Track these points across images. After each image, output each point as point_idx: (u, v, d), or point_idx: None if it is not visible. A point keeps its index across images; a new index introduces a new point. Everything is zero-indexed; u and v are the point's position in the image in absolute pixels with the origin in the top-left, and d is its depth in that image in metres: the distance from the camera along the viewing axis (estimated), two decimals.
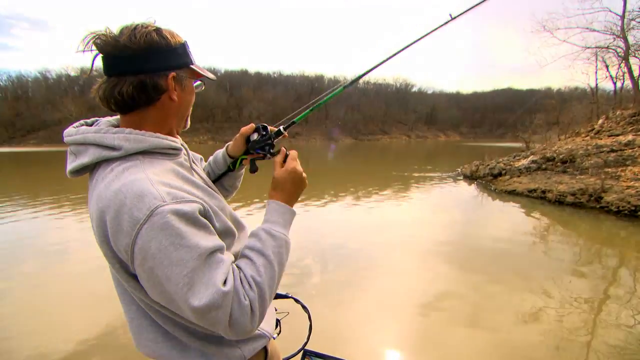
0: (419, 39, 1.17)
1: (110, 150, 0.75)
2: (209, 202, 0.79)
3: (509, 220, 7.05)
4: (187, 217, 0.69)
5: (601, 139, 10.34)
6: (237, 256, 0.84)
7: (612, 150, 8.91)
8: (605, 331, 2.93)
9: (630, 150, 8.59)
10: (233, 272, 0.73)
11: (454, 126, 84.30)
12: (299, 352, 1.09)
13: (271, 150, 1.03)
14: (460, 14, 1.19)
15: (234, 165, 1.12)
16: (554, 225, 6.66)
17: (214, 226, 0.77)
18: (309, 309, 1.15)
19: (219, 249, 0.72)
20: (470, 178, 12.16)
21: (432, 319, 3.15)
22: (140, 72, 0.76)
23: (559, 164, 9.52)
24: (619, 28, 12.78)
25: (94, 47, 0.74)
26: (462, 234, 6.03)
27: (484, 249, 5.14)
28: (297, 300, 1.18)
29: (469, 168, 12.87)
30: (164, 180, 0.73)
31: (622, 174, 7.94)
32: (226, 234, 0.84)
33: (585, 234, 6.07)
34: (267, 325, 0.96)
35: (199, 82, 0.91)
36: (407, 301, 3.48)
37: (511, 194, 8.97)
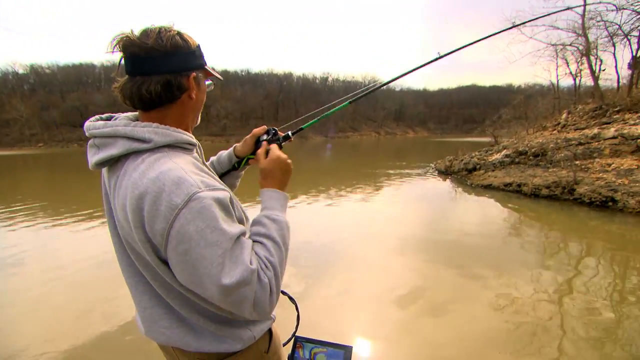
0: (410, 72, 1.41)
1: (140, 142, 0.78)
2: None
3: (485, 214, 7.09)
4: (220, 203, 0.74)
5: (569, 133, 10.71)
6: None
7: (580, 144, 9.21)
8: (574, 318, 3.00)
9: (596, 143, 8.91)
10: (254, 254, 0.79)
11: (422, 122, 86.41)
12: (291, 338, 1.16)
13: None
14: (447, 54, 1.41)
15: (239, 164, 1.18)
16: (529, 218, 6.76)
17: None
18: (295, 300, 1.22)
19: (243, 234, 0.78)
20: (445, 173, 12.26)
21: (407, 309, 3.21)
22: (167, 73, 0.79)
23: (531, 157, 9.74)
24: (580, 26, 13.37)
25: (117, 48, 0.77)
26: (439, 228, 6.02)
27: (461, 241, 5.19)
28: (284, 293, 1.27)
29: (443, 163, 13.00)
30: (193, 169, 0.77)
31: (591, 166, 8.20)
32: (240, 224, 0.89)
33: (558, 225, 6.20)
34: None
35: (209, 82, 0.96)
36: (382, 292, 3.48)
37: (487, 189, 9.06)
